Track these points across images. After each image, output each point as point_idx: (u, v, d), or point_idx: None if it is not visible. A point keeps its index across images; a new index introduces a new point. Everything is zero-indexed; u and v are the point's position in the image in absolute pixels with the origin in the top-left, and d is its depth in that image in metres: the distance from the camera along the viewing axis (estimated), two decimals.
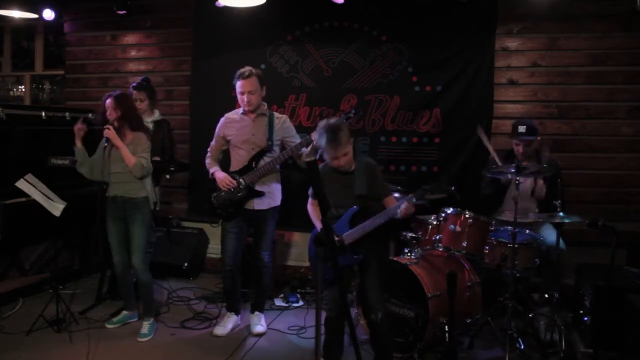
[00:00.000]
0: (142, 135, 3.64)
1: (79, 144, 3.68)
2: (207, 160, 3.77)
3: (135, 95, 4.17)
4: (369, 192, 2.98)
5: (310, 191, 3.19)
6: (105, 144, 3.62)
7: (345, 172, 3.01)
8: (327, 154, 2.95)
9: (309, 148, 3.53)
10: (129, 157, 3.53)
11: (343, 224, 2.98)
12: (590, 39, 4.35)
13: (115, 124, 3.57)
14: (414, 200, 2.85)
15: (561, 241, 3.57)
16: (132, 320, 3.89)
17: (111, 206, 3.68)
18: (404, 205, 2.86)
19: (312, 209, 3.18)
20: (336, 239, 2.97)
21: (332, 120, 3.01)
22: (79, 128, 3.68)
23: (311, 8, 4.81)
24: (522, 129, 3.80)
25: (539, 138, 3.91)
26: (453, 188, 2.86)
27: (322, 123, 3.00)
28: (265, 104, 3.71)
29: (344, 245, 2.96)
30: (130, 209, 3.62)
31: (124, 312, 3.89)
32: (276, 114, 3.72)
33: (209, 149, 3.80)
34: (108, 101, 3.57)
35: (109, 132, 3.54)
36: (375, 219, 2.90)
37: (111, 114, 3.55)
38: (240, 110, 3.68)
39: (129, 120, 3.61)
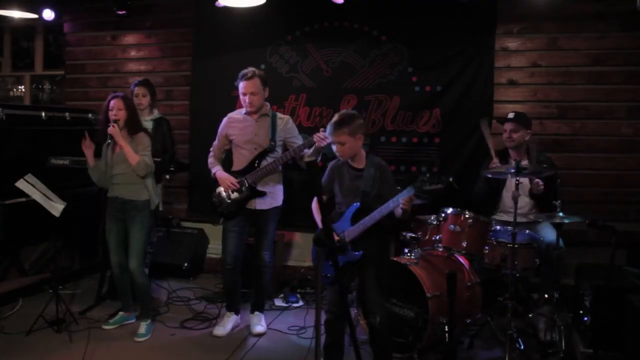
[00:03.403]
0: (142, 134, 3.64)
1: (92, 163, 3.61)
2: (210, 160, 3.78)
3: (137, 90, 4.19)
4: (375, 190, 2.97)
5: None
6: (109, 141, 3.56)
7: (356, 168, 3.03)
8: (327, 134, 3.03)
9: (311, 150, 3.53)
10: (132, 155, 3.51)
11: (345, 221, 2.98)
12: (590, 39, 4.36)
13: (120, 124, 3.54)
14: (413, 191, 2.81)
15: (560, 240, 3.57)
16: (129, 321, 3.87)
17: (111, 207, 3.67)
18: (403, 198, 2.81)
19: (316, 206, 3.16)
20: (336, 237, 2.97)
21: (353, 112, 3.08)
22: (87, 146, 3.60)
23: (311, 8, 4.81)
24: (511, 115, 3.89)
25: (529, 131, 3.90)
26: (451, 179, 2.84)
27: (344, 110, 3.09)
28: (268, 104, 3.71)
29: (345, 242, 2.96)
30: (130, 211, 3.61)
31: (120, 313, 3.88)
32: (279, 115, 3.72)
33: (211, 149, 3.80)
34: (113, 102, 3.54)
35: (113, 130, 3.50)
36: (375, 213, 2.88)
37: (117, 114, 3.53)
38: (244, 110, 3.67)
39: (130, 122, 3.59)
